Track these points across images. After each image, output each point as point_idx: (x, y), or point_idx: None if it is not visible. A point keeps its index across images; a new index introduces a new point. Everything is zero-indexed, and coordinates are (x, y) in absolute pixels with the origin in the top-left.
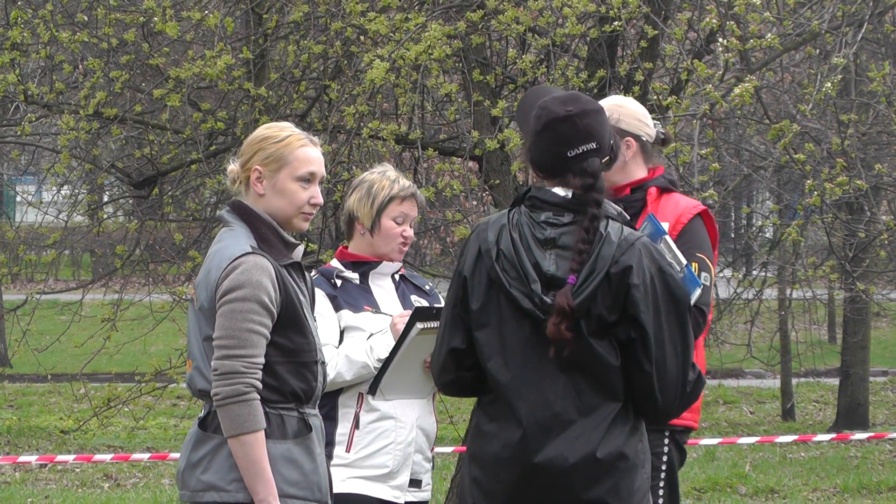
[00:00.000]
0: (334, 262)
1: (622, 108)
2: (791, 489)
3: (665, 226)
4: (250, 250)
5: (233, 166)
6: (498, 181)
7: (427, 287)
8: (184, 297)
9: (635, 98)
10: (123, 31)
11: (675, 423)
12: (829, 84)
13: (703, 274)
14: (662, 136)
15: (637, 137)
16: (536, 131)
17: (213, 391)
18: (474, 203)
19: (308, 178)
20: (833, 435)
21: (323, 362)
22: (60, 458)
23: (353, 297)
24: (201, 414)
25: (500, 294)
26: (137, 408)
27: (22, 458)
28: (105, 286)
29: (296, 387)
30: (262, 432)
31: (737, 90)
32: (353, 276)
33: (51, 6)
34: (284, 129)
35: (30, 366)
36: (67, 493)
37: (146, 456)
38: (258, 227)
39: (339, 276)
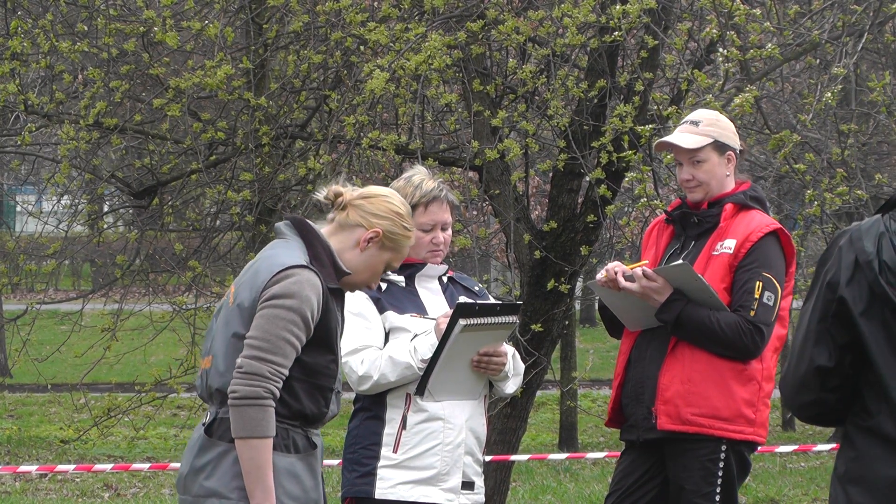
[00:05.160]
0: None
1: (720, 122)
2: (791, 499)
3: (732, 242)
4: (305, 264)
5: (345, 191)
6: (498, 191)
7: (476, 288)
8: (183, 306)
9: (635, 108)
10: (123, 41)
11: (738, 437)
12: (830, 94)
13: (766, 293)
14: (741, 149)
15: (735, 151)
16: None
17: (230, 388)
18: (474, 213)
19: (389, 269)
20: (833, 445)
21: (339, 392)
22: (60, 467)
23: (397, 300)
24: (206, 419)
25: (886, 310)
26: (137, 418)
27: (22, 468)
28: (105, 296)
29: (307, 407)
30: (271, 440)
31: (737, 100)
32: (399, 280)
33: (51, 16)
34: (410, 217)
35: (30, 376)
36: (68, 503)
37: (146, 466)
38: (314, 246)
39: (383, 280)
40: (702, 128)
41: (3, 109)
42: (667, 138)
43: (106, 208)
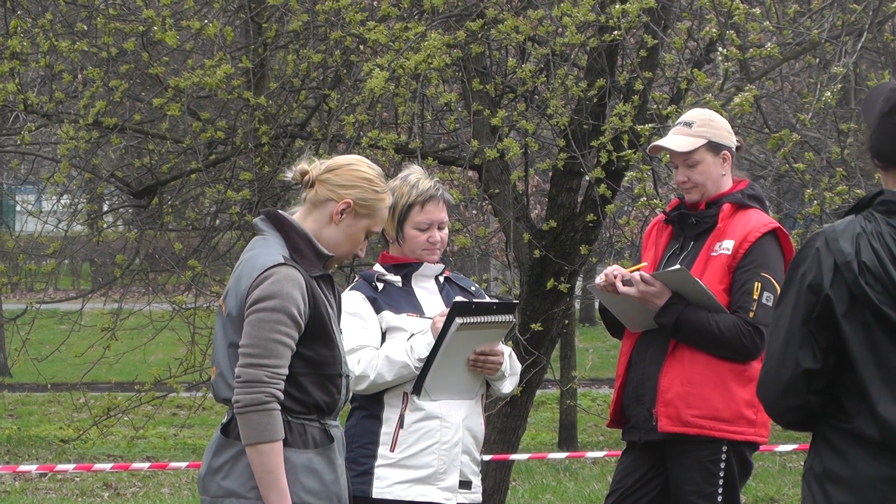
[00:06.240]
0: (377, 267)
1: (714, 122)
2: (791, 498)
3: (730, 243)
4: (282, 261)
5: (310, 167)
6: (497, 190)
7: (473, 288)
8: (183, 305)
9: (634, 107)
10: (123, 41)
11: (739, 438)
12: (829, 93)
13: (766, 294)
14: (738, 146)
15: (730, 150)
16: (883, 113)
17: (234, 398)
18: (474, 212)
19: (371, 235)
20: None
21: (347, 375)
22: (60, 467)
23: (394, 300)
24: (224, 420)
25: (867, 311)
26: (137, 417)
27: (22, 468)
28: (105, 295)
29: (319, 399)
30: (280, 442)
31: (736, 99)
32: (395, 279)
33: (50, 15)
34: (381, 180)
35: (30, 375)
36: (67, 503)
37: (146, 465)
38: (292, 238)
39: (380, 280)
40: (695, 129)
41: (2, 109)
42: (660, 142)
43: (105, 208)
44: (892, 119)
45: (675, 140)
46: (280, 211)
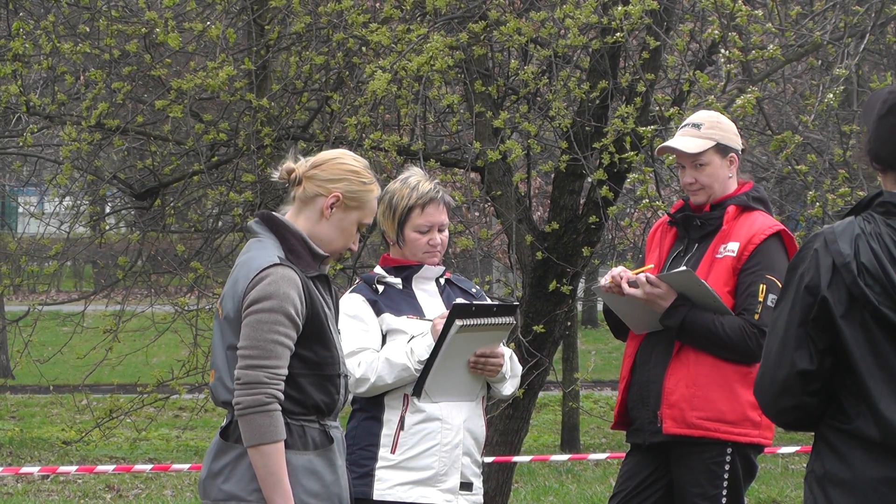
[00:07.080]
0: (377, 269)
1: (722, 124)
2: (793, 500)
3: (735, 245)
4: (278, 261)
5: (296, 165)
6: (500, 192)
7: (474, 290)
8: (185, 307)
9: (637, 109)
10: (125, 43)
11: (743, 440)
12: (832, 95)
13: (771, 296)
14: (742, 149)
15: (737, 153)
16: (881, 115)
17: (234, 400)
18: (476, 214)
19: (363, 227)
20: None
21: (346, 375)
22: (62, 469)
23: (394, 302)
24: (223, 423)
25: (866, 312)
26: (139, 419)
27: (24, 469)
28: (107, 297)
29: (318, 400)
30: (282, 443)
31: (739, 101)
32: (396, 282)
33: (53, 17)
34: (367, 171)
35: (32, 377)
36: None
37: (148, 467)
38: (287, 239)
39: (380, 282)
40: (703, 131)
41: (5, 111)
42: (669, 143)
43: (108, 209)
44: (889, 121)
45: (684, 141)
46: (273, 212)
